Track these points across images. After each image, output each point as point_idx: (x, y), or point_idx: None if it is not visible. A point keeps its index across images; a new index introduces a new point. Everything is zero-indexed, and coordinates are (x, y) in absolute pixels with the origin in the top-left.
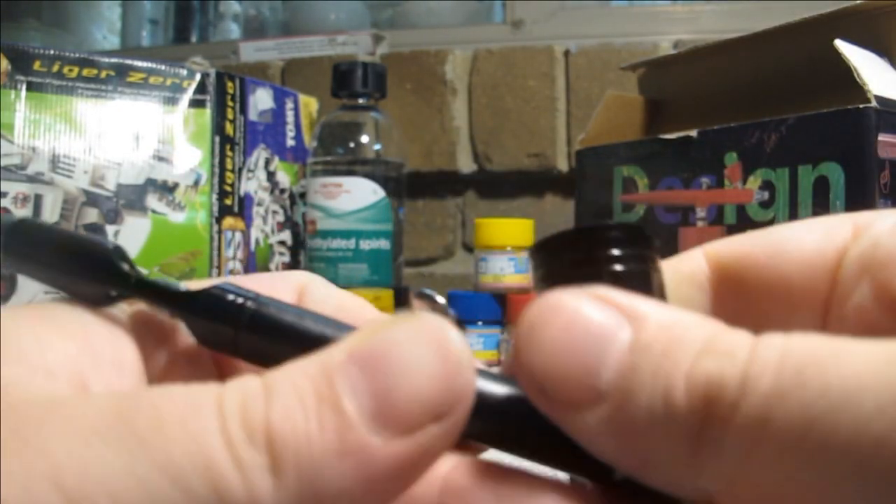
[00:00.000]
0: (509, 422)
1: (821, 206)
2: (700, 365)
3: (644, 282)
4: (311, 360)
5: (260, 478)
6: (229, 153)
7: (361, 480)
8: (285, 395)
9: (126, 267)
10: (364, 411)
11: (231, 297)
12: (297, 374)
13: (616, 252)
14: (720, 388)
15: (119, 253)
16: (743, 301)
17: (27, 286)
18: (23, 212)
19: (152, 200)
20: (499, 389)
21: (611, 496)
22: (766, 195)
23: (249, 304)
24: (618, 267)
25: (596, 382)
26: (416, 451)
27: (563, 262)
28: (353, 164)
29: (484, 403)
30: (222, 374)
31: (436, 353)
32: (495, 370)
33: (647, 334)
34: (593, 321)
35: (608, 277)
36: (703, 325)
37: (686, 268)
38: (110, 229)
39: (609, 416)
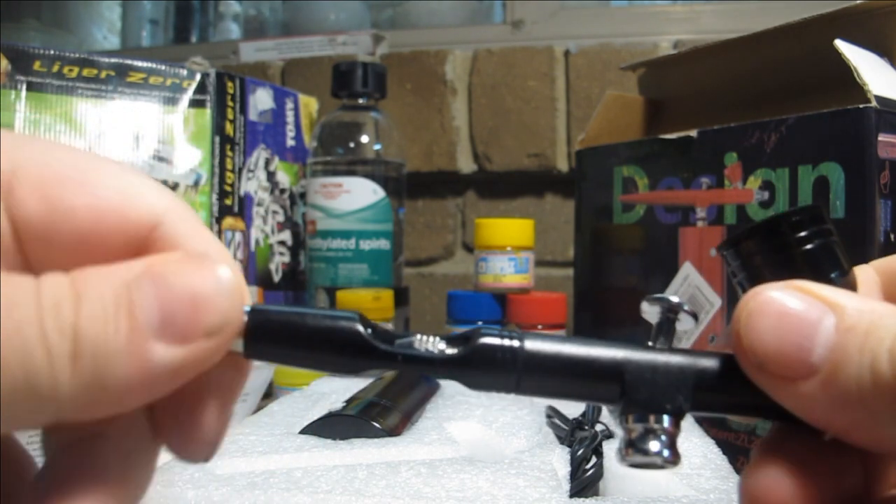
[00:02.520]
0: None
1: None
2: None
3: (831, 253)
4: (115, 271)
5: (62, 364)
6: (229, 153)
7: (141, 375)
8: (92, 301)
9: (379, 344)
10: (151, 322)
11: (497, 342)
12: (103, 283)
13: (803, 234)
14: None
15: (362, 331)
16: None
17: None
18: None
19: None
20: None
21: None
22: (766, 195)
23: (517, 345)
24: (808, 246)
25: (809, 358)
26: (187, 358)
27: (763, 250)
28: (353, 164)
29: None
30: (25, 260)
31: (214, 285)
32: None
33: (850, 319)
34: (801, 310)
35: (802, 257)
36: (893, 310)
37: (860, 276)
38: None
39: (822, 386)
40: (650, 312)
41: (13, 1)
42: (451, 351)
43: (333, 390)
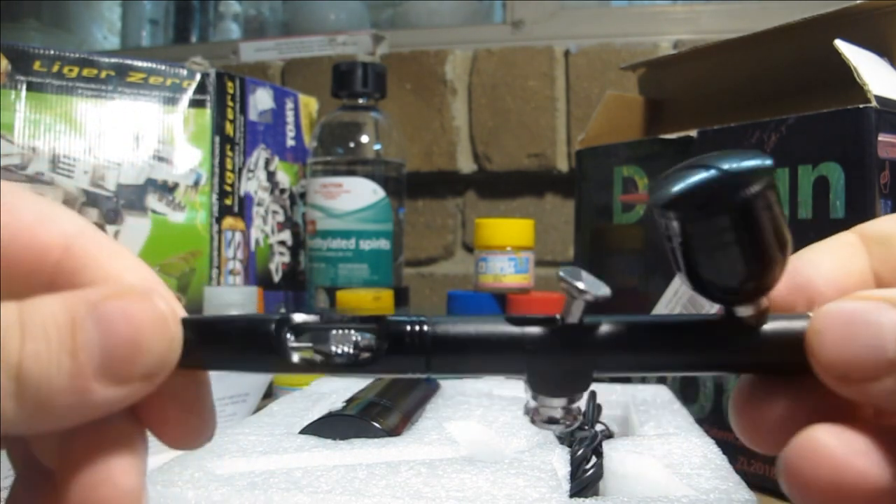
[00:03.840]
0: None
1: (821, 206)
2: None
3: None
4: (61, 305)
5: (7, 401)
6: (229, 153)
7: (80, 410)
8: (36, 338)
9: (292, 341)
10: (93, 363)
11: (406, 328)
12: (48, 318)
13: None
14: None
15: (279, 328)
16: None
17: None
18: None
19: (152, 200)
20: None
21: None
22: None
23: (427, 328)
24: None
25: (886, 356)
26: (125, 396)
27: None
28: (353, 164)
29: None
30: None
31: (156, 328)
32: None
33: None
34: (862, 313)
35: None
36: None
37: (844, 241)
38: (110, 229)
39: None
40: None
41: (13, 1)
42: (364, 346)
43: (333, 390)
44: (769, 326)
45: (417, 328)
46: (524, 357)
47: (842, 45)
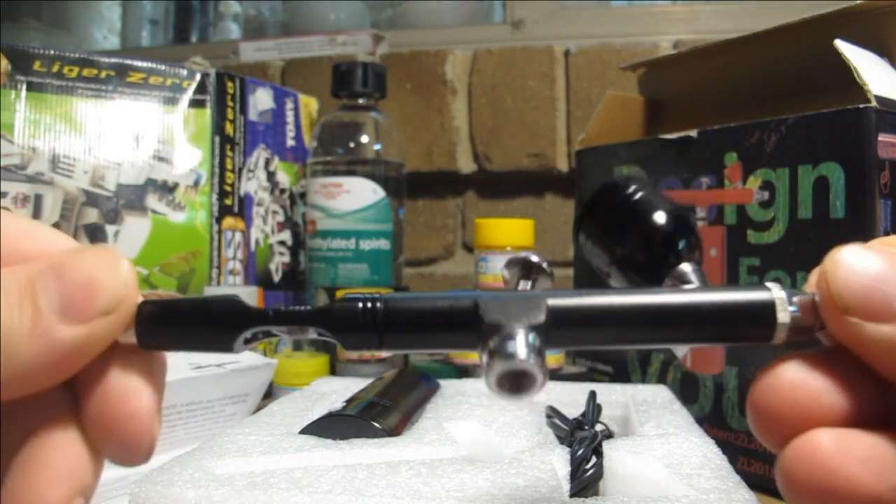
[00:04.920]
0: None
1: (821, 206)
2: None
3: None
4: (22, 268)
5: None
6: (229, 153)
7: (48, 354)
8: (5, 293)
9: (254, 308)
10: (52, 306)
11: (361, 304)
12: (10, 279)
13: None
14: None
15: (239, 301)
16: None
17: None
18: (23, 212)
19: (152, 200)
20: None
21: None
22: (766, 195)
23: (380, 305)
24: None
25: (892, 303)
26: (89, 336)
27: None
28: (353, 164)
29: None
30: None
31: (107, 270)
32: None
33: None
34: (881, 260)
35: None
36: None
37: None
38: (110, 229)
39: None
40: (510, 275)
41: (13, 1)
42: (320, 330)
43: (333, 390)
44: (722, 289)
45: (370, 305)
46: (476, 330)
47: (842, 45)
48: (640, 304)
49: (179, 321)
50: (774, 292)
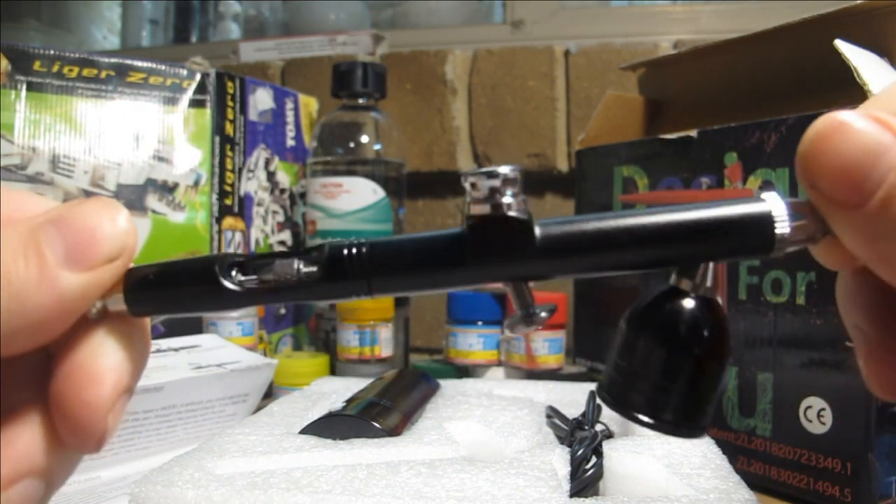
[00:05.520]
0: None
1: None
2: None
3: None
4: (22, 221)
5: None
6: (229, 153)
7: (55, 300)
8: (7, 245)
9: (239, 256)
10: (57, 255)
11: (346, 250)
12: (13, 232)
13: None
14: None
15: (225, 253)
16: None
17: None
18: None
19: (152, 200)
20: None
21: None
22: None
23: (365, 249)
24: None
25: (865, 187)
26: (93, 282)
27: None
28: (353, 164)
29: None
30: None
31: (109, 219)
32: None
33: None
34: (870, 136)
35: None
36: None
37: None
38: None
39: (870, 217)
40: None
41: (13, 1)
42: (305, 273)
43: (333, 390)
44: (719, 204)
45: (356, 251)
46: (464, 265)
47: (842, 45)
48: (634, 224)
49: (167, 280)
50: (771, 203)
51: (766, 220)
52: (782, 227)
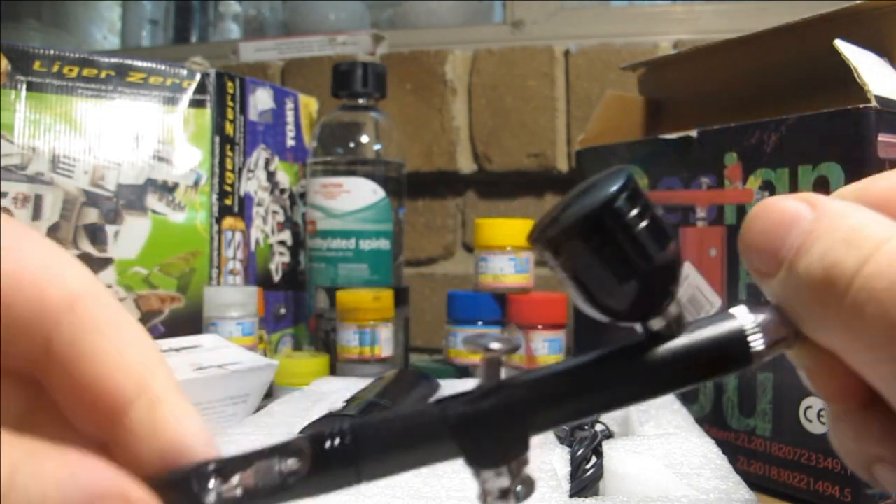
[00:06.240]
0: None
1: None
2: (831, 252)
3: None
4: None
5: None
6: (229, 153)
7: None
8: None
9: (212, 463)
10: None
11: (329, 442)
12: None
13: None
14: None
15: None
16: None
17: None
18: (23, 212)
19: (152, 200)
20: None
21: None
22: (766, 195)
23: (349, 437)
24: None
25: (779, 252)
26: None
27: (591, 249)
28: (353, 164)
29: None
30: None
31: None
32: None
33: (821, 217)
34: (788, 210)
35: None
36: (877, 220)
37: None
38: (110, 229)
39: (783, 282)
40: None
41: (13, 1)
42: (288, 472)
43: (333, 390)
44: (692, 332)
45: (339, 441)
46: (454, 441)
47: (842, 45)
48: (619, 374)
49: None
50: (741, 319)
51: (738, 338)
52: (756, 341)
